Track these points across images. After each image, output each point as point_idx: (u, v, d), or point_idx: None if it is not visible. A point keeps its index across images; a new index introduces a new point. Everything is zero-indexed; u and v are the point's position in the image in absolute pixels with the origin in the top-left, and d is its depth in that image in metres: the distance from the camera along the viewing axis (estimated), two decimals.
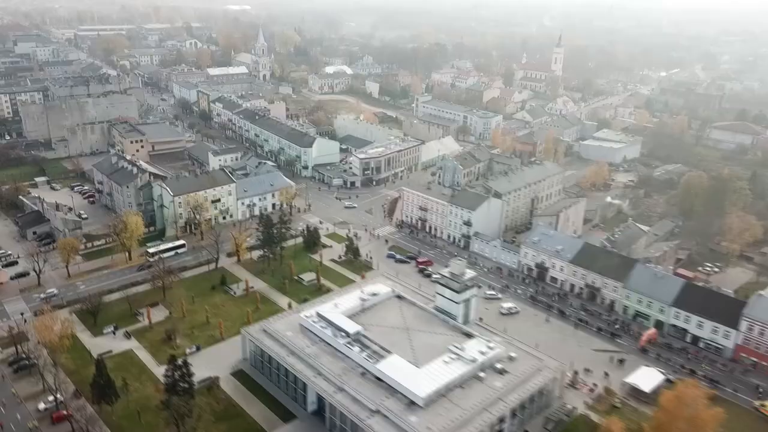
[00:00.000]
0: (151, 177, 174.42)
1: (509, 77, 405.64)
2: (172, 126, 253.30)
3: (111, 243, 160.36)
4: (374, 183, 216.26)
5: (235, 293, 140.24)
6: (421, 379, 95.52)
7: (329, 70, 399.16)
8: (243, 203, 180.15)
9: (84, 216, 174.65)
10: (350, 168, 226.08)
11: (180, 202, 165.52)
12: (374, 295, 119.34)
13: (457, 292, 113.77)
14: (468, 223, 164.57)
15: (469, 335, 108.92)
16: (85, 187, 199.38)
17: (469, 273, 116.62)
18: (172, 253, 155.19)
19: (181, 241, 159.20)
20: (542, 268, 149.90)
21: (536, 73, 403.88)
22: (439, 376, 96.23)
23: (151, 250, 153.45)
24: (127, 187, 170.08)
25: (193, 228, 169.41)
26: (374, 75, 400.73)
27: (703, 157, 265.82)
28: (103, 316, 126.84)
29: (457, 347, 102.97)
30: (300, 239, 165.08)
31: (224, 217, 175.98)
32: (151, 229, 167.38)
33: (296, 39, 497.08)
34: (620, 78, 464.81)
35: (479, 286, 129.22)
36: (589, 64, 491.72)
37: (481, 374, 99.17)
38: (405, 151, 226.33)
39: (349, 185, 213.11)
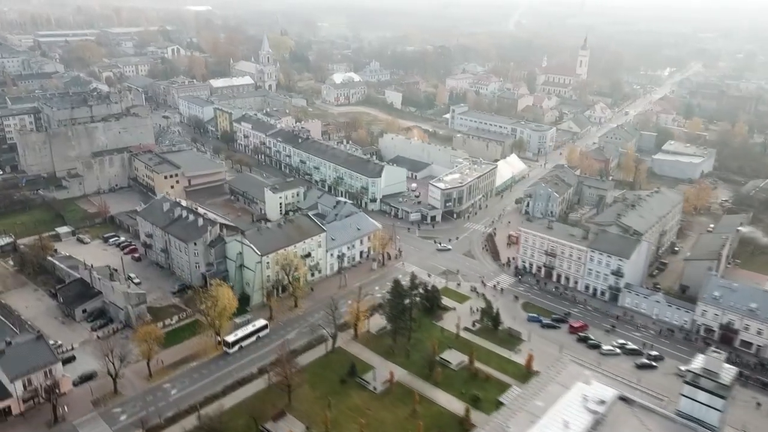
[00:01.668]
0: (223, 230, 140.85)
1: (531, 82, 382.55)
2: (200, 153, 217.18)
3: (186, 319, 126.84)
4: (455, 216, 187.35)
5: (375, 388, 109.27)
6: None
7: (337, 78, 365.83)
8: (332, 254, 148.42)
9: (137, 281, 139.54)
10: (416, 197, 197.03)
11: (268, 262, 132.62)
12: (601, 402, 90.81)
13: (721, 397, 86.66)
14: (618, 273, 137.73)
15: None
16: (122, 239, 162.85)
17: (728, 369, 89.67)
18: (253, 338, 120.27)
19: (262, 321, 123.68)
20: (729, 330, 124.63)
21: (560, 78, 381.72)
22: None
23: (229, 339, 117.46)
24: (195, 244, 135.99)
25: (280, 292, 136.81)
26: (392, 83, 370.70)
27: None
28: None
29: None
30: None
31: (312, 274, 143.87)
32: None
33: (290, 44, 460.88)
34: (628, 79, 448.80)
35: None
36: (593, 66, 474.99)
37: None
38: (482, 177, 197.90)
39: (429, 220, 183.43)
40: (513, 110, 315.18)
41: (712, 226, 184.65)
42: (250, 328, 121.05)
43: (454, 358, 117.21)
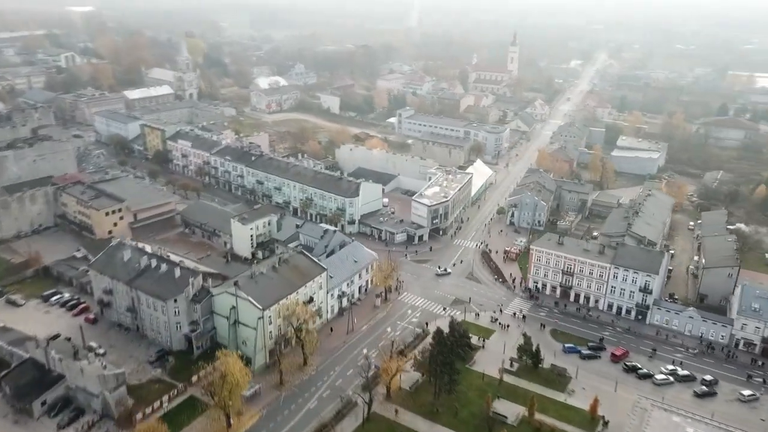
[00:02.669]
0: (207, 280, 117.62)
1: (464, 80, 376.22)
2: (139, 179, 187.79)
3: (178, 396, 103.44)
4: (441, 233, 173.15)
5: None
6: None
7: (262, 83, 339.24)
8: (332, 295, 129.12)
9: (101, 351, 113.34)
10: (392, 213, 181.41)
11: (270, 317, 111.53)
12: None
13: None
14: (646, 290, 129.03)
15: None
16: (66, 296, 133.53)
17: None
18: None
19: None
20: None
21: (492, 75, 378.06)
22: None
23: None
24: (175, 301, 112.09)
25: (282, 348, 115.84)
26: (322, 86, 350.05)
27: (723, 158, 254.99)
28: None
29: None
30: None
31: (313, 321, 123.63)
32: None
33: (202, 47, 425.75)
34: (549, 73, 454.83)
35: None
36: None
37: None
38: (462, 188, 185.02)
39: (417, 240, 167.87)
40: (456, 111, 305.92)
41: (692, 223, 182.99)
42: None
43: (509, 410, 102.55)
